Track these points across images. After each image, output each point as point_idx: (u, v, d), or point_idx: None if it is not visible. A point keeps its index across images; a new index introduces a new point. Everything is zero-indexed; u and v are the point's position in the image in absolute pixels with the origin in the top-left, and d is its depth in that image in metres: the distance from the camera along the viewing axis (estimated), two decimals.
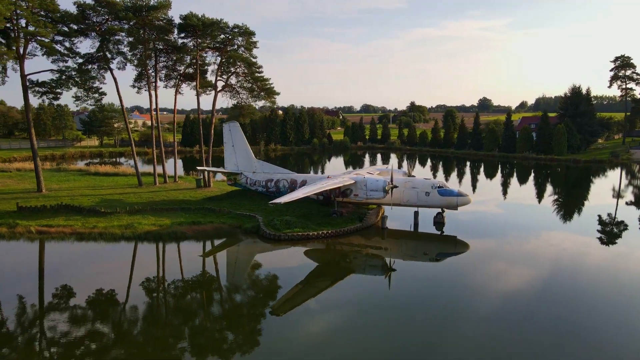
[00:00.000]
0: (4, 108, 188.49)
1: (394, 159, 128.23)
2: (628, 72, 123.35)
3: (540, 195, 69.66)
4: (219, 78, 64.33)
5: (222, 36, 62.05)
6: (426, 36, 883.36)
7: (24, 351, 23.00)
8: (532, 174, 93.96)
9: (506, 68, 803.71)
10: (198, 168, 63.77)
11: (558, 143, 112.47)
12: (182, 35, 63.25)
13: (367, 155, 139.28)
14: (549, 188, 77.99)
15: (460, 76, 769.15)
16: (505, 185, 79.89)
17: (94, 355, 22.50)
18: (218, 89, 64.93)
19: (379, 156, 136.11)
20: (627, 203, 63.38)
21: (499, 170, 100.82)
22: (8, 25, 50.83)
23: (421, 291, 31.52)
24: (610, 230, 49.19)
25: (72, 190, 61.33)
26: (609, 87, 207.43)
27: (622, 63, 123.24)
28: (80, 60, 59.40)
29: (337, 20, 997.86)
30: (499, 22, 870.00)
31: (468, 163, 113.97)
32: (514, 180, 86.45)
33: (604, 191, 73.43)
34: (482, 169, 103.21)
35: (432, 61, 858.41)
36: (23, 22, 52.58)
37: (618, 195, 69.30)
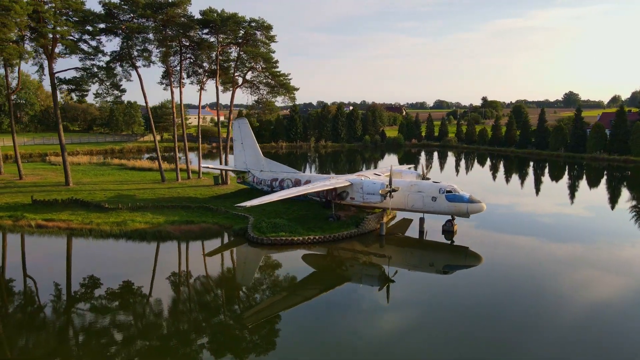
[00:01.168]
0: (84, 105, 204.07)
1: (450, 157, 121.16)
2: None
3: (591, 202, 61.20)
4: (237, 74, 63.31)
5: (242, 32, 60.92)
6: (509, 27, 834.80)
7: None
8: (598, 176, 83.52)
9: (598, 59, 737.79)
10: (202, 166, 63.24)
11: (636, 142, 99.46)
12: (206, 31, 63.13)
13: (422, 153, 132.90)
14: (610, 193, 68.49)
15: (544, 69, 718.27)
16: (556, 189, 71.42)
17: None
18: (237, 85, 63.89)
19: (435, 154, 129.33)
20: None
21: (561, 172, 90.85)
22: (32, 24, 53.21)
23: (423, 308, 28.64)
24: None
25: (97, 184, 63.47)
26: None
27: None
28: (105, 58, 61.01)
29: (415, 13, 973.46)
30: (592, 10, 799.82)
31: (527, 163, 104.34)
32: (565, 183, 77.21)
33: None
34: (538, 170, 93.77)
35: (514, 54, 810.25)
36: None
37: None
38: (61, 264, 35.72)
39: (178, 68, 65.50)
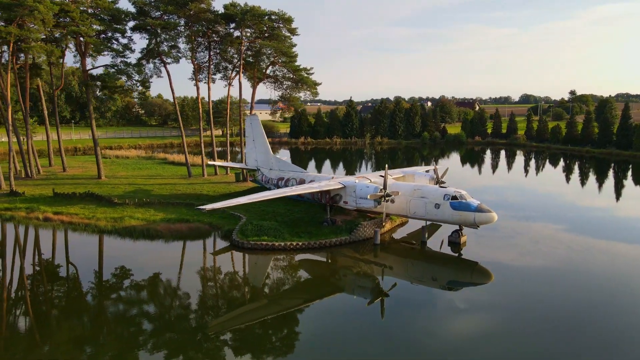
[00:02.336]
0: (159, 101, 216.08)
1: (514, 156, 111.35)
2: None
3: None
4: (259, 68, 61.74)
5: (265, 26, 59.28)
6: (617, 12, 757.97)
7: None
8: None
9: None
10: (209, 162, 62.18)
11: None
12: (233, 26, 62.40)
13: (488, 152, 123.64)
14: None
15: None
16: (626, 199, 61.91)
17: None
18: (258, 80, 62.38)
19: (502, 153, 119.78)
20: None
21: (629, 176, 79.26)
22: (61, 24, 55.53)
23: (417, 328, 25.60)
24: None
25: (126, 178, 65.42)
26: None
27: None
28: (132, 55, 62.42)
29: (505, 2, 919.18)
30: None
31: (604, 165, 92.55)
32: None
33: None
34: (618, 173, 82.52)
35: (618, 42, 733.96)
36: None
37: None
38: (30, 256, 36.65)
39: (207, 64, 65.46)
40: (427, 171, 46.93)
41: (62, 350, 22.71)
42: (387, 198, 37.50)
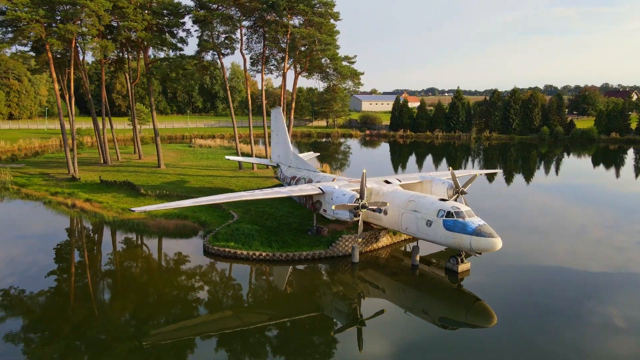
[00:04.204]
0: (277, 91, 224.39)
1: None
2: None
3: None
4: (302, 58, 57.74)
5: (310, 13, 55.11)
6: None
7: None
8: None
9: None
10: (226, 157, 59.35)
11: None
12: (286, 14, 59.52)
13: (630, 152, 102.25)
14: None
15: None
16: None
17: None
18: (298, 70, 58.41)
19: None
20: None
21: None
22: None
23: None
24: None
25: (183, 168, 67.37)
26: None
27: None
28: (187, 47, 63.31)
29: None
30: None
31: None
32: None
33: None
34: None
35: None
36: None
37: None
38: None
39: (261, 55, 63.84)
40: (431, 176, 38.77)
41: None
42: (362, 209, 31.15)
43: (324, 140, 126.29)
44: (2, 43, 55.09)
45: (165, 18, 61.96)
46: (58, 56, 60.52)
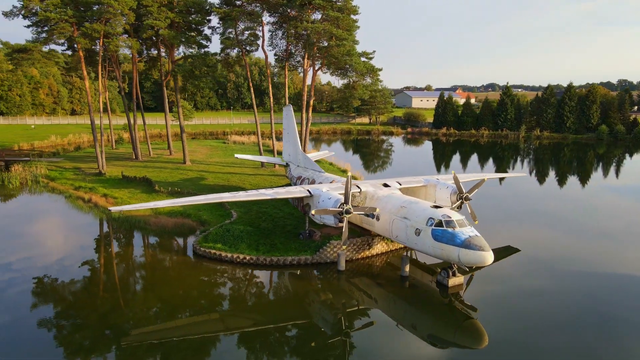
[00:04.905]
0: (328, 88, 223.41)
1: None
2: None
3: None
4: (317, 54, 55.82)
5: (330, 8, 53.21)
6: None
7: None
8: None
9: None
10: (235, 156, 58.08)
11: None
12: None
13: None
14: None
15: None
16: None
17: None
18: (316, 67, 56.54)
19: None
20: None
21: None
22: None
23: None
24: None
25: (206, 165, 67.74)
26: None
27: None
28: (211, 45, 63.29)
29: None
30: None
31: None
32: None
33: None
34: None
35: None
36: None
37: None
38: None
39: (285, 52, 62.75)
40: (438, 179, 35.87)
41: None
42: (346, 215, 29.11)
43: (366, 138, 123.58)
44: (37, 42, 57.56)
45: (192, 16, 62.34)
46: (97, 55, 62.44)
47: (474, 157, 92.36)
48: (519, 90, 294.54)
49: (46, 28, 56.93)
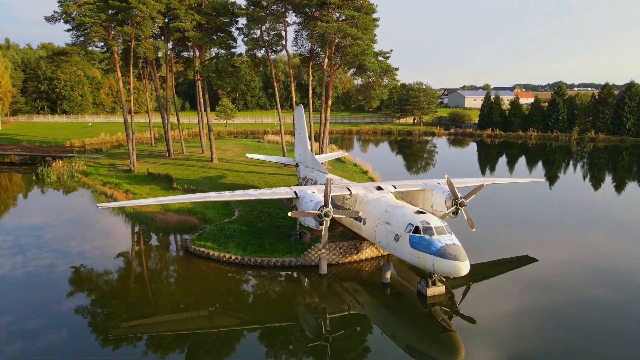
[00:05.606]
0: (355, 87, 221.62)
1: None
2: None
3: None
4: (335, 53, 54.98)
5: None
6: None
7: None
8: None
9: None
10: (247, 155, 57.64)
11: None
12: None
13: None
14: None
15: None
16: None
17: None
18: (335, 67, 55.67)
19: None
20: None
21: None
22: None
23: None
24: None
25: (232, 163, 68.89)
26: None
27: None
28: (238, 45, 64.27)
29: None
30: None
31: None
32: None
33: None
34: None
35: None
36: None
37: None
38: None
39: (309, 52, 62.60)
40: (438, 183, 34.04)
41: None
42: (325, 218, 28.34)
43: (407, 138, 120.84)
44: (75, 45, 61.06)
45: (221, 18, 63.57)
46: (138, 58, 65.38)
47: (522, 160, 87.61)
48: (589, 89, 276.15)
49: (84, 32, 60.32)
